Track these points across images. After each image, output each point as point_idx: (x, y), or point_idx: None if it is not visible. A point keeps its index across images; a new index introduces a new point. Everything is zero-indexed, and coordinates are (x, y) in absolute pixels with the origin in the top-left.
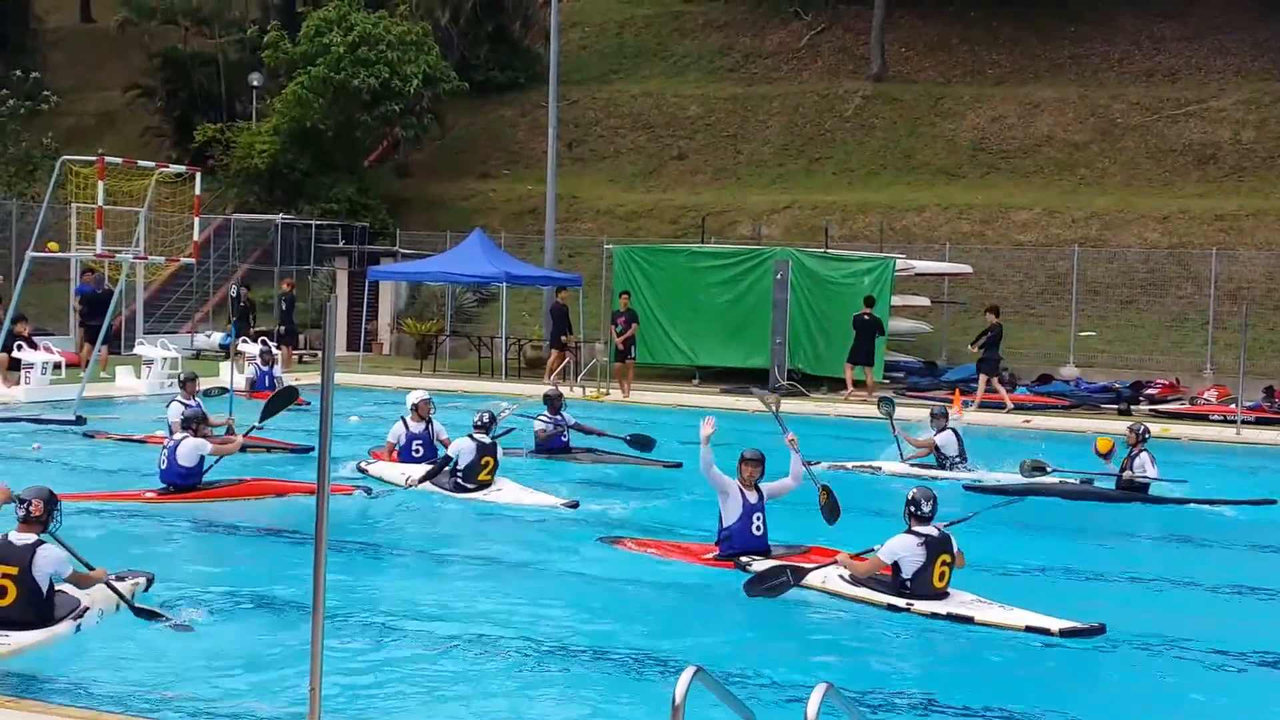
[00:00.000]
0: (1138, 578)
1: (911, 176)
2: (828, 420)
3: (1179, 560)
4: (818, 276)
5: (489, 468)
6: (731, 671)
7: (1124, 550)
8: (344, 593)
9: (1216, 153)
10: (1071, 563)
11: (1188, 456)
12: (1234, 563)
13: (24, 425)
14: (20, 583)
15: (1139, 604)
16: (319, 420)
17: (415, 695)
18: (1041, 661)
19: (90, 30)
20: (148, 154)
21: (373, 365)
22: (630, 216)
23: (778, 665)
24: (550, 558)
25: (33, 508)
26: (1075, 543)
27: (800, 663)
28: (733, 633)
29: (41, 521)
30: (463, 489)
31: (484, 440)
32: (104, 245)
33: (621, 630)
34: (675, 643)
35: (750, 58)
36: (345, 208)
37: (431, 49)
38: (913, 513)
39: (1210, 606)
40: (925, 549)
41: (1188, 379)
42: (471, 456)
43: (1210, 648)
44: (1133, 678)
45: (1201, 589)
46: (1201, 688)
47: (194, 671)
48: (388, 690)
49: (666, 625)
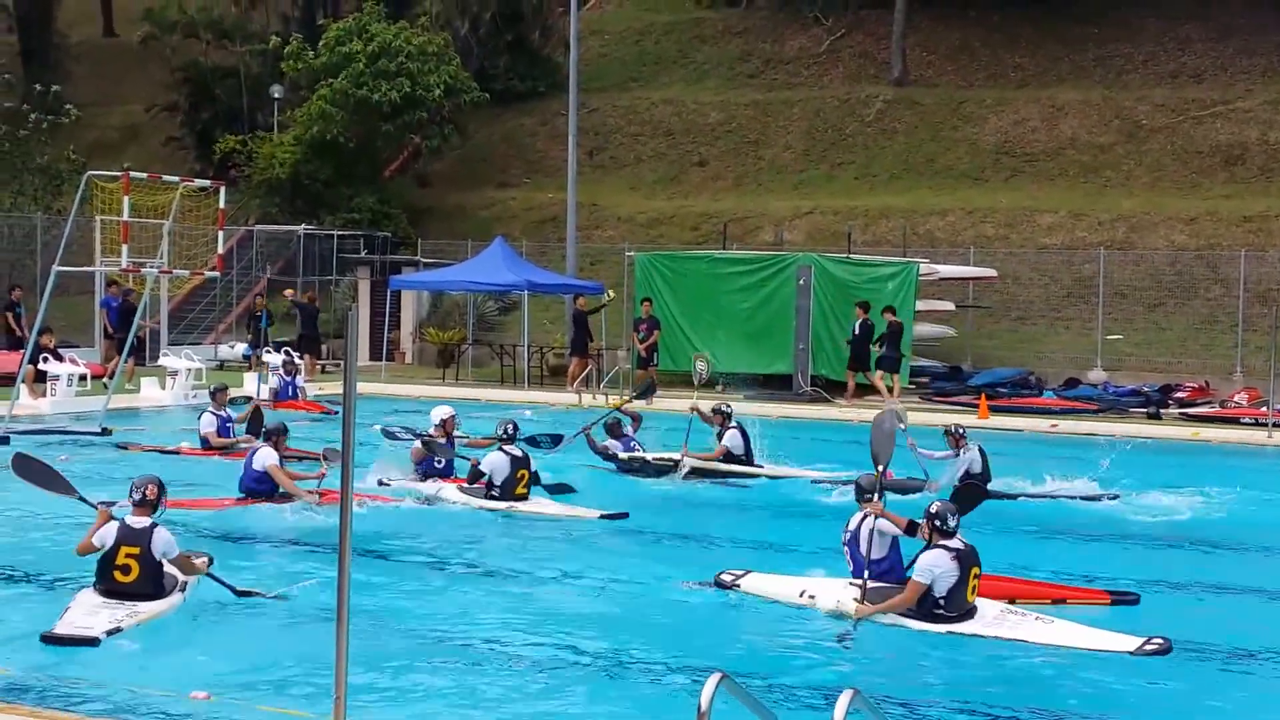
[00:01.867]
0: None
1: (934, 181)
2: (850, 426)
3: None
4: (840, 282)
5: (524, 480)
6: (757, 678)
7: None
8: (380, 600)
9: (1244, 153)
10: None
11: (1214, 460)
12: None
13: (51, 436)
14: (142, 561)
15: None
16: (341, 430)
17: (444, 705)
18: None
19: (113, 45)
20: (170, 166)
21: (395, 375)
22: (651, 224)
23: (803, 672)
24: (576, 567)
25: (148, 492)
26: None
27: (825, 670)
28: (757, 640)
29: (153, 505)
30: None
31: (515, 453)
32: (129, 259)
33: (644, 638)
34: (699, 650)
35: (770, 64)
36: (367, 218)
37: (452, 59)
38: (937, 526)
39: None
40: (958, 563)
41: (1217, 382)
42: (506, 471)
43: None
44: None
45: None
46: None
47: (222, 675)
48: (412, 698)
49: (689, 633)
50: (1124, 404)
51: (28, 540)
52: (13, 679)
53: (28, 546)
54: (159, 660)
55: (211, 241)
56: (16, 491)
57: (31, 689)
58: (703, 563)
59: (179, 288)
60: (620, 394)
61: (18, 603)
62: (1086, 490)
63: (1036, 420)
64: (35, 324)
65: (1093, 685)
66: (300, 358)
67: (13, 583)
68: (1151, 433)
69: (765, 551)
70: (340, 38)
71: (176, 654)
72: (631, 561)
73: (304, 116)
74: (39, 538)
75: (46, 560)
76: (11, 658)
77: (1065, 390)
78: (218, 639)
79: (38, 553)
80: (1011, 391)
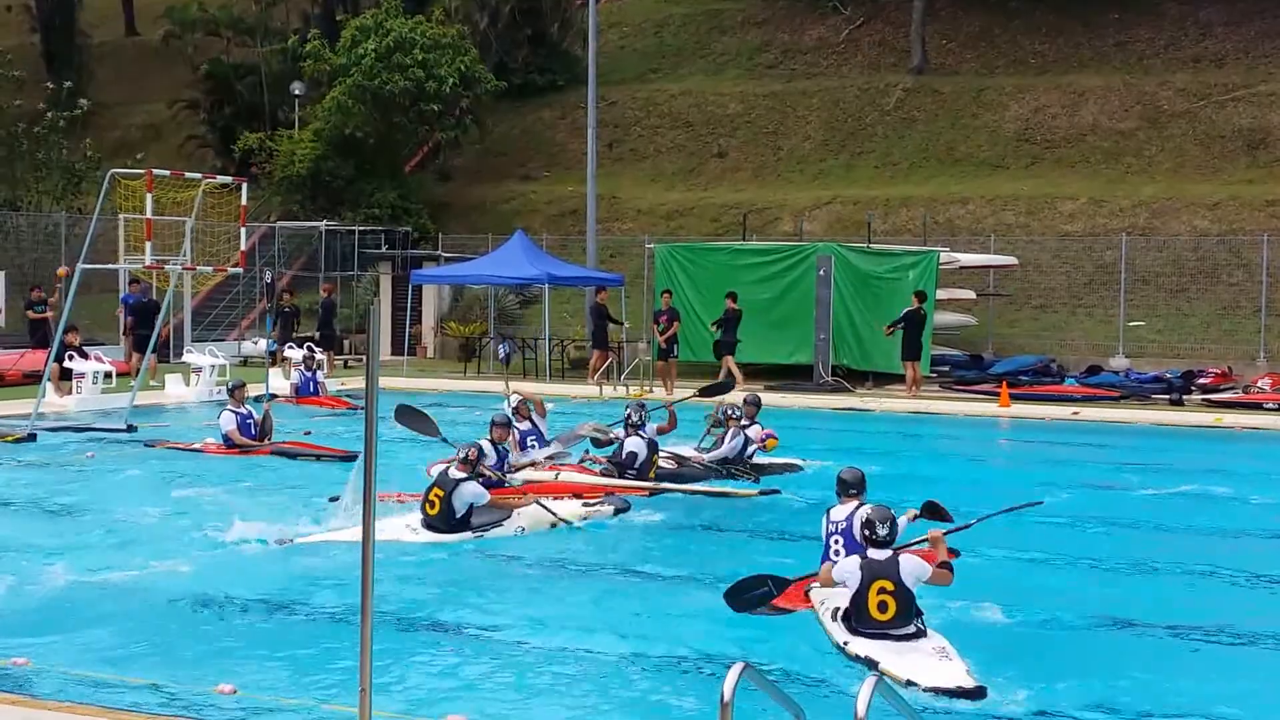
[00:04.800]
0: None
1: (955, 169)
2: (872, 415)
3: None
4: (861, 272)
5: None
6: (779, 669)
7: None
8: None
9: (1266, 138)
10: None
11: (1237, 446)
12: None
13: (75, 434)
14: (444, 503)
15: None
16: (364, 424)
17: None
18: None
19: (135, 44)
20: (193, 164)
21: (418, 368)
22: (671, 215)
23: (826, 662)
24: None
25: (469, 454)
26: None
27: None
28: (780, 631)
29: (470, 464)
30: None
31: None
32: (153, 256)
33: (666, 629)
34: (721, 640)
35: (789, 53)
36: (387, 213)
37: (468, 50)
38: (867, 536)
39: None
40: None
41: (1240, 367)
42: (644, 454)
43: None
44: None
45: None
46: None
47: (246, 668)
48: (437, 691)
49: (712, 624)
50: (1146, 390)
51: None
52: (37, 670)
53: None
54: (184, 653)
55: (234, 238)
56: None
57: (54, 679)
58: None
59: (202, 284)
60: (641, 386)
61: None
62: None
63: (1058, 408)
64: (60, 322)
65: None
66: (322, 353)
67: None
68: (1174, 419)
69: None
70: (357, 36)
71: (204, 646)
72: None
73: (323, 112)
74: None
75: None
76: (27, 649)
77: (1087, 377)
78: (241, 633)
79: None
80: (1033, 379)
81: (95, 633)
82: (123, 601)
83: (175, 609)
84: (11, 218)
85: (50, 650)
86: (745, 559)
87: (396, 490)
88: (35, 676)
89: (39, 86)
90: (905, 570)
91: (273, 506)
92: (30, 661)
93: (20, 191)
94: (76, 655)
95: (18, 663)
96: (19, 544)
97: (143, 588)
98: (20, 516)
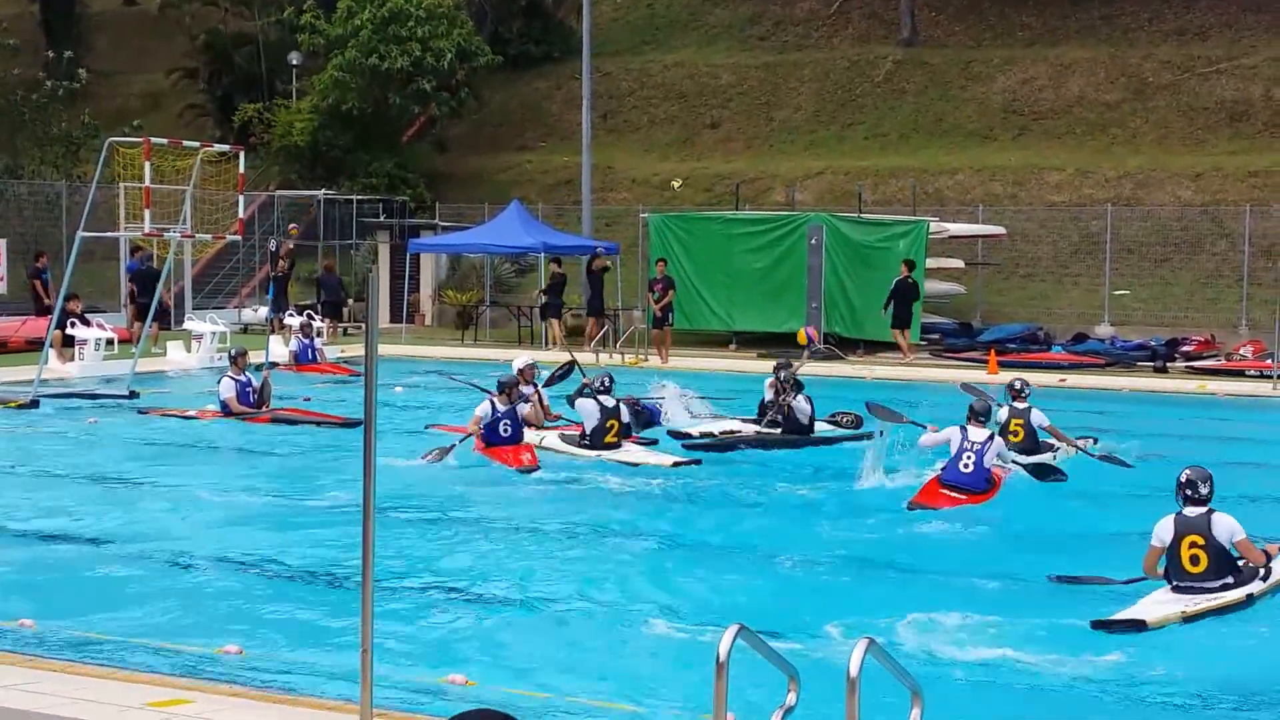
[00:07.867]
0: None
1: (943, 140)
2: (863, 383)
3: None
4: (851, 241)
5: (614, 430)
6: (774, 629)
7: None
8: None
9: (1249, 110)
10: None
11: (1222, 412)
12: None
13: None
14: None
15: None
16: (364, 391)
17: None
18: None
19: (133, 13)
20: (191, 133)
21: (416, 336)
22: (665, 185)
23: (820, 624)
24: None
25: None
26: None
27: (842, 622)
28: (775, 593)
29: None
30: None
31: (607, 403)
32: (152, 223)
33: (677, 590)
34: (718, 602)
35: (781, 25)
36: (385, 183)
37: (465, 23)
38: (1188, 495)
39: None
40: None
41: (1223, 335)
42: (597, 419)
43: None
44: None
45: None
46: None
47: (251, 630)
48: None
49: (710, 584)
50: (1131, 358)
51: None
52: (40, 634)
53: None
54: (193, 615)
55: (232, 206)
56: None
57: (64, 643)
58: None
59: (201, 252)
60: (636, 354)
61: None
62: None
63: (1045, 375)
64: (61, 290)
65: None
66: (322, 320)
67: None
68: (1158, 386)
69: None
70: (353, 7)
71: (210, 608)
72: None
73: (320, 85)
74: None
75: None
76: (29, 609)
77: (1073, 345)
78: (248, 595)
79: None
80: (1020, 347)
81: (99, 596)
82: (127, 565)
83: (175, 572)
84: (12, 186)
85: (54, 612)
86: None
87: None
88: (38, 640)
89: (38, 55)
90: (1218, 527)
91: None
92: (34, 624)
93: (22, 160)
94: (80, 618)
95: (24, 624)
96: (26, 508)
97: (146, 553)
98: (23, 480)
